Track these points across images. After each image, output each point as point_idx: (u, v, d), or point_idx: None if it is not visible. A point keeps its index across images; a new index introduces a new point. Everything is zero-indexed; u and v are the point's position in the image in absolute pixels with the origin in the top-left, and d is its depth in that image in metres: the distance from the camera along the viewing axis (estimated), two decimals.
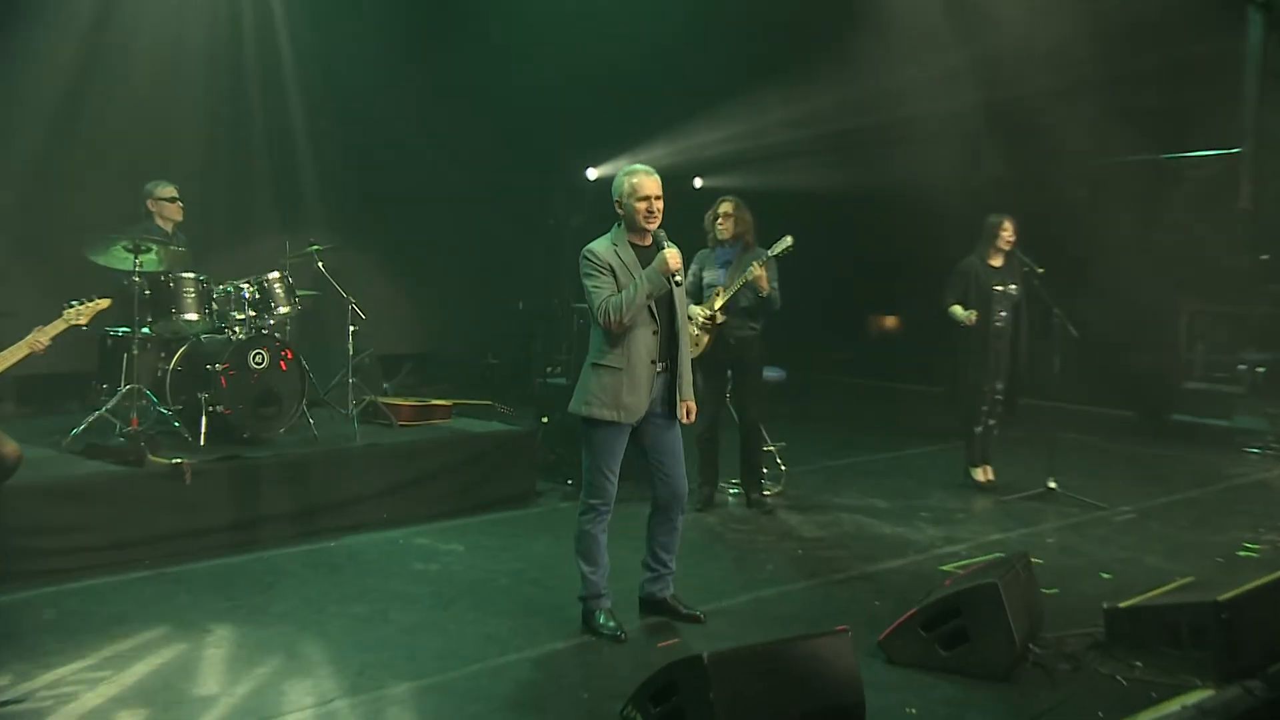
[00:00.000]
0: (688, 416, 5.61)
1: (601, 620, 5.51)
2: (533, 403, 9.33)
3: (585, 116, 12.82)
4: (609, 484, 5.45)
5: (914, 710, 4.77)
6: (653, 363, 5.38)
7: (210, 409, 7.25)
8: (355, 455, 7.47)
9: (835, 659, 4.42)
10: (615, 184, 5.43)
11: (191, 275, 7.51)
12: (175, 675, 4.91)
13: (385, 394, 9.11)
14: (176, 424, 7.29)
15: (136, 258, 7.24)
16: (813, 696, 4.32)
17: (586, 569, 5.54)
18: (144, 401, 7.29)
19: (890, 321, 15.52)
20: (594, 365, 5.42)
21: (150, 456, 6.74)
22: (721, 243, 7.91)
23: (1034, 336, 8.84)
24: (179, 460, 6.67)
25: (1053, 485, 8.50)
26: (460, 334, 12.79)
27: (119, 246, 7.31)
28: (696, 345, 7.91)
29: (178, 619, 5.57)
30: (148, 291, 7.39)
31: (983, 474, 8.90)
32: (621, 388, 5.35)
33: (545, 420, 8.86)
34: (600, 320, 5.32)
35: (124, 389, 7.24)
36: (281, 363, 7.53)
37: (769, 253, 7.69)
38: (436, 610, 5.87)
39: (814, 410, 12.56)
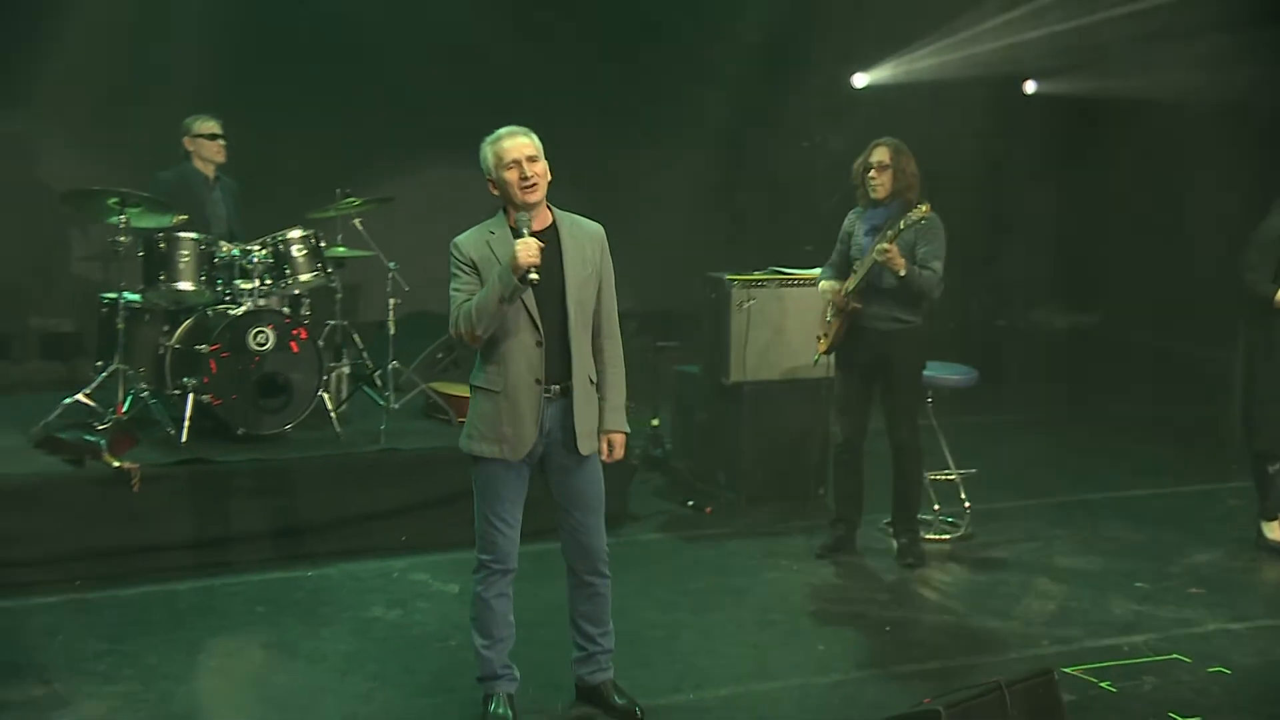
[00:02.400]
0: (609, 454, 5.64)
1: (493, 709, 5.63)
2: (653, 397, 9.41)
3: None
4: (500, 535, 5.55)
5: None
6: (537, 382, 5.44)
7: (197, 398, 7.89)
8: (364, 464, 7.91)
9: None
10: (480, 159, 5.49)
11: (192, 236, 8.12)
12: None
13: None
14: (159, 414, 7.99)
15: (123, 213, 7.95)
16: None
17: (479, 642, 5.66)
18: (141, 385, 8.07)
19: None
20: (472, 388, 5.55)
21: (105, 456, 7.46)
22: (876, 202, 7.75)
23: None
24: (121, 463, 7.34)
25: None
26: None
27: (109, 200, 8.04)
28: (826, 336, 7.84)
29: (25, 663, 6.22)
30: (141, 253, 8.11)
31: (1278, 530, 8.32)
32: (500, 416, 5.45)
33: (656, 422, 8.99)
34: (452, 331, 5.44)
35: (109, 368, 7.99)
36: (293, 344, 8.03)
37: (899, 224, 7.47)
38: (330, 676, 6.19)
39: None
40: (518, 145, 5.37)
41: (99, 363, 8.30)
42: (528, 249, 5.20)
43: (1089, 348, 14.05)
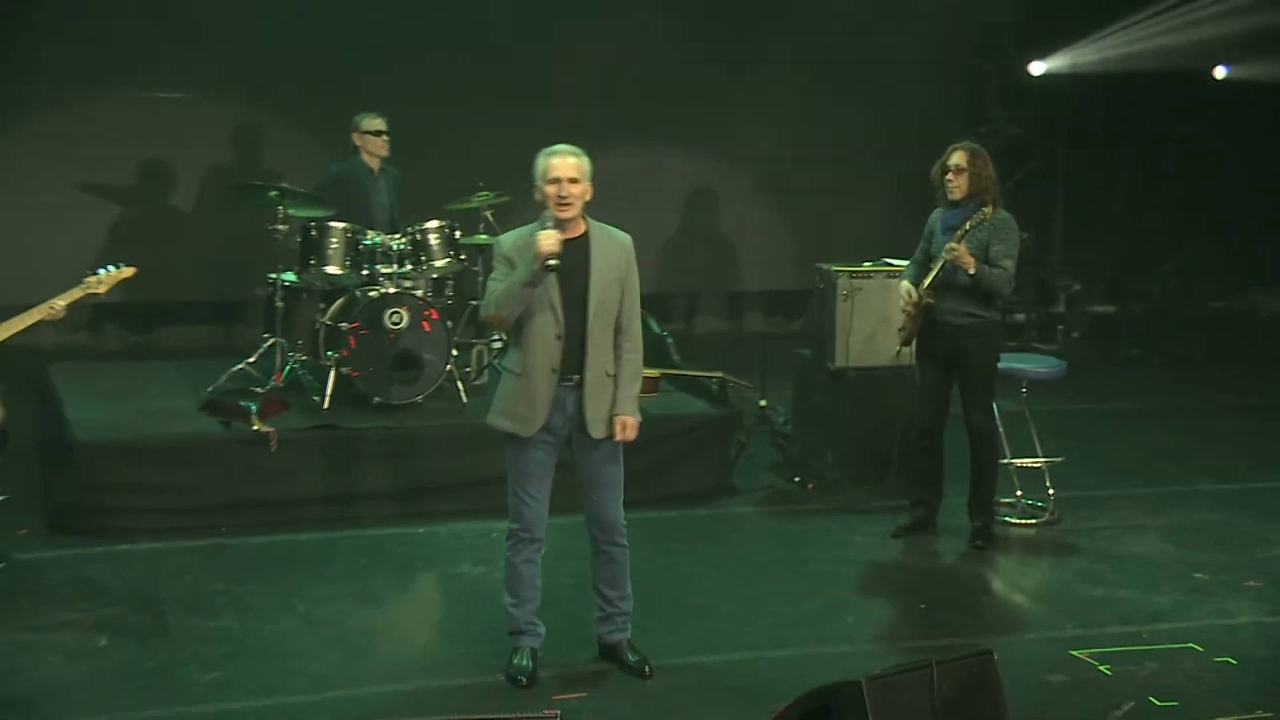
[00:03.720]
0: (623, 431, 6.18)
1: (515, 660, 6.26)
2: (761, 379, 9.80)
3: None
4: (526, 506, 6.16)
5: None
6: (553, 371, 6.02)
7: (338, 370, 8.73)
8: (481, 432, 8.46)
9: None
10: (534, 165, 6.09)
11: (341, 225, 8.96)
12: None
13: None
14: (308, 384, 8.86)
15: (280, 206, 8.86)
16: None
17: (508, 601, 6.31)
18: (299, 356, 8.98)
19: None
20: (499, 368, 6.20)
21: (253, 420, 8.36)
22: (955, 203, 8.06)
23: None
24: (261, 427, 8.22)
25: None
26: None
27: (270, 194, 8.96)
28: (904, 329, 8.19)
29: (149, 596, 7.13)
30: (298, 240, 8.99)
31: None
32: (518, 396, 6.06)
33: (764, 403, 9.45)
34: (481, 315, 6.13)
35: (269, 341, 8.95)
36: (425, 323, 8.78)
37: (965, 225, 7.77)
38: (396, 623, 6.98)
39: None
40: (565, 165, 5.96)
41: (265, 334, 9.20)
42: (548, 239, 5.81)
43: None
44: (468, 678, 6.27)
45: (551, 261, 5.83)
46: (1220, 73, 13.40)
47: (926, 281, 7.97)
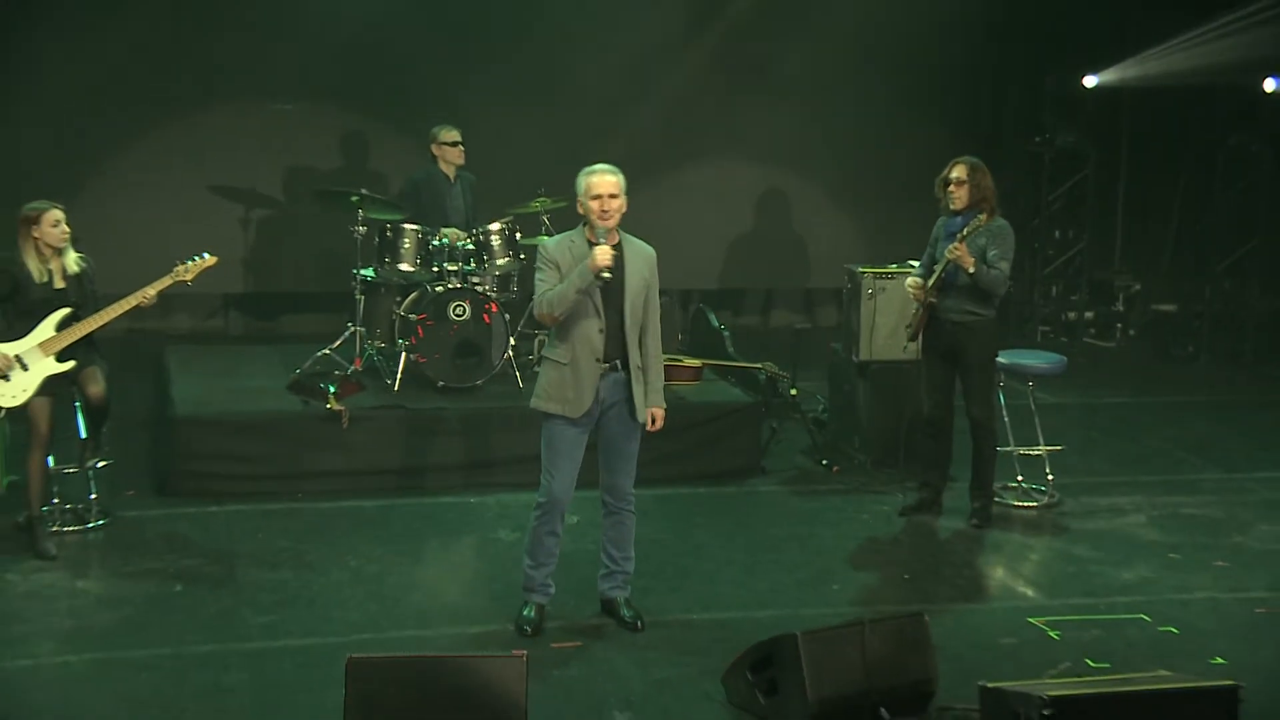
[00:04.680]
0: (653, 424, 6.95)
1: (524, 613, 7.05)
2: (792, 369, 10.47)
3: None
4: (553, 481, 6.90)
5: None
6: (597, 360, 6.79)
7: (408, 356, 9.61)
8: (532, 413, 9.40)
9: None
10: (576, 182, 6.84)
11: (413, 227, 9.83)
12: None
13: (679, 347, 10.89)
14: (383, 368, 9.77)
15: (360, 209, 9.78)
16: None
17: (526, 562, 7.08)
18: (377, 343, 9.89)
19: None
20: (544, 359, 6.98)
21: (330, 399, 9.26)
22: (956, 212, 8.67)
23: None
24: (334, 406, 9.13)
25: None
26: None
27: (351, 199, 9.87)
28: (910, 325, 8.83)
29: (225, 551, 8.08)
30: (376, 240, 9.90)
31: None
32: (566, 383, 6.83)
33: (795, 391, 10.16)
34: (535, 313, 6.90)
35: (350, 330, 9.89)
36: (485, 315, 9.62)
37: (964, 229, 8.40)
38: (429, 579, 7.86)
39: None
40: (605, 183, 6.74)
41: (348, 323, 10.12)
42: (605, 254, 6.61)
43: None
44: (482, 626, 7.08)
45: (606, 274, 6.62)
46: (1270, 85, 13.67)
47: (930, 281, 8.60)
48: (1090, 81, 13.87)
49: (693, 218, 13.57)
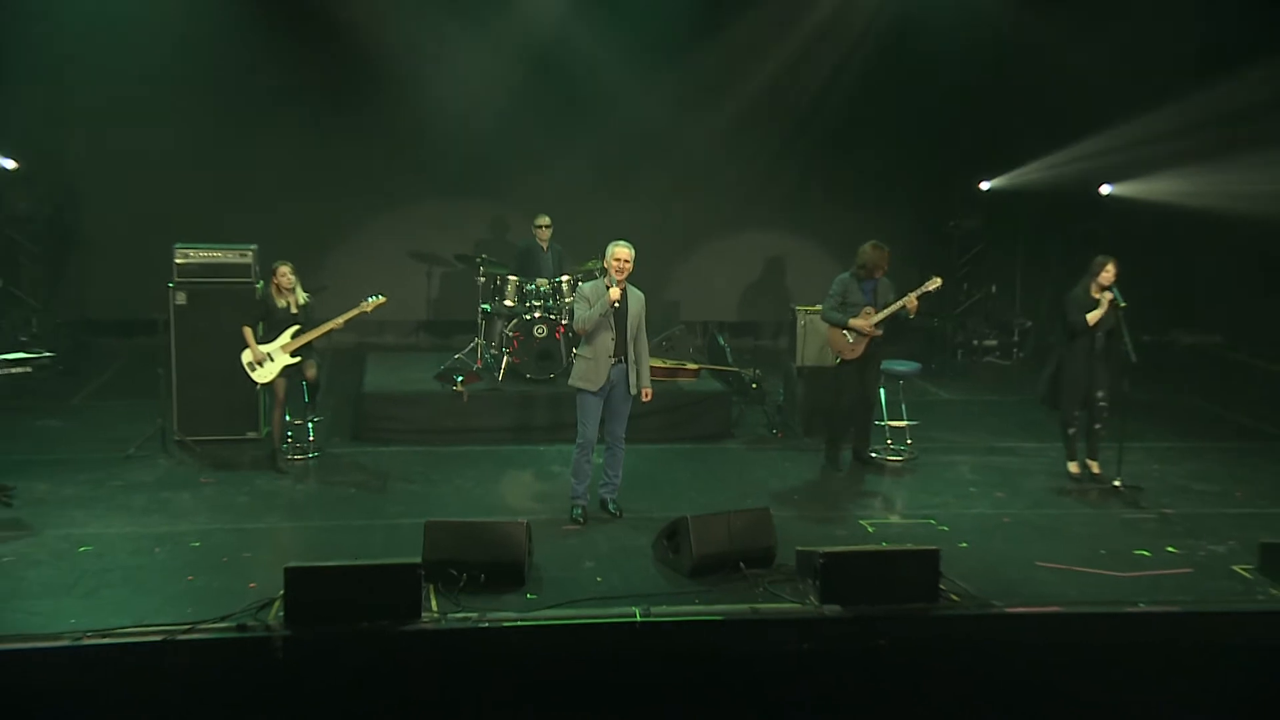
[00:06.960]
0: (646, 396, 8.84)
1: (573, 513, 8.89)
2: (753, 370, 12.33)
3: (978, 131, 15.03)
4: (586, 429, 8.75)
5: (601, 580, 7.84)
6: (609, 357, 8.69)
7: (507, 358, 11.67)
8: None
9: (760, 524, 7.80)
10: (605, 249, 8.71)
11: (514, 278, 11.89)
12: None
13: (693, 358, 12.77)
14: (493, 366, 11.83)
15: (481, 267, 11.89)
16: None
17: (572, 480, 8.97)
18: (492, 351, 11.97)
19: None
20: (576, 355, 8.86)
21: (456, 383, 11.34)
22: (870, 275, 10.13)
23: None
24: (458, 388, 11.19)
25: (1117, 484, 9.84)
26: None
27: (476, 259, 11.99)
28: (853, 348, 10.17)
29: (384, 473, 10.13)
30: (492, 286, 11.99)
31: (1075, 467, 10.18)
32: (591, 370, 8.73)
33: (755, 385, 12.01)
34: (575, 327, 8.80)
35: (474, 343, 12.00)
36: (556, 333, 11.60)
37: (924, 288, 9.86)
38: (475, 497, 9.53)
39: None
40: (621, 253, 8.65)
41: (474, 338, 12.21)
42: (616, 293, 8.54)
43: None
44: (535, 517, 8.55)
45: (616, 305, 8.57)
46: (1106, 189, 15.01)
47: (877, 319, 9.94)
48: (985, 185, 15.37)
49: (715, 270, 15.56)
